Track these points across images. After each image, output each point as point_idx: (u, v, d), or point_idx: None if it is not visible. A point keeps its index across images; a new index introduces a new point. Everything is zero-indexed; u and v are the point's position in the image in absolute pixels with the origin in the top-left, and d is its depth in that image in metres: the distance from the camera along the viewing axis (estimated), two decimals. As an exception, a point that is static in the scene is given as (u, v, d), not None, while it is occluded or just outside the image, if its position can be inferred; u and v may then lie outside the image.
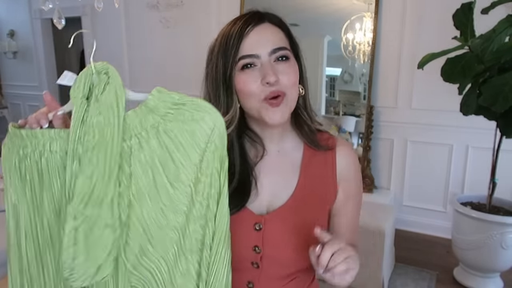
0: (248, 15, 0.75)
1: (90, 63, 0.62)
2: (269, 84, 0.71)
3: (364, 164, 3.14)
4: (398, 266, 2.61)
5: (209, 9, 3.66)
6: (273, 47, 0.73)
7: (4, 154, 0.65)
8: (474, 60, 1.97)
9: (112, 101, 0.59)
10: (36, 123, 0.64)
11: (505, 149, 2.21)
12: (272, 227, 0.77)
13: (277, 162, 0.82)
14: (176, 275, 0.64)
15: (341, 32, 3.20)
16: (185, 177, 0.62)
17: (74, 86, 0.61)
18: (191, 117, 0.60)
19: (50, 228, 0.65)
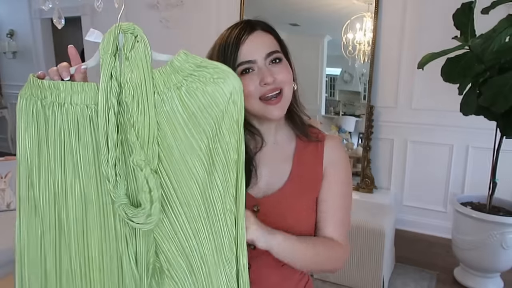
0: (241, 25, 0.84)
1: (118, 22, 0.65)
2: (267, 85, 0.80)
3: (364, 164, 3.14)
4: (398, 266, 2.61)
5: (209, 9, 3.66)
6: (267, 51, 0.82)
7: (21, 105, 0.65)
8: (474, 60, 1.97)
9: (142, 59, 0.63)
10: (57, 76, 0.67)
11: (505, 149, 2.21)
12: (268, 209, 0.85)
13: (273, 153, 0.91)
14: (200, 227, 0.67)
15: (341, 32, 3.20)
16: (204, 135, 0.65)
17: (103, 43, 0.64)
18: (212, 79, 0.64)
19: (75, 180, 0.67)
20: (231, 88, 0.65)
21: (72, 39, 6.36)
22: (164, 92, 0.64)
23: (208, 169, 0.66)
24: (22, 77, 5.37)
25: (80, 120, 0.64)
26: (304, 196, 0.89)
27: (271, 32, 0.85)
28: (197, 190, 0.65)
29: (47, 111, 0.65)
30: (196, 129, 0.65)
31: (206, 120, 0.65)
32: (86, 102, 0.64)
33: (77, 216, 0.67)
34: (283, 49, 0.87)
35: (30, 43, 5.00)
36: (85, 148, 0.65)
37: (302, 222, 0.88)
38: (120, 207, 0.63)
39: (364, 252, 2.28)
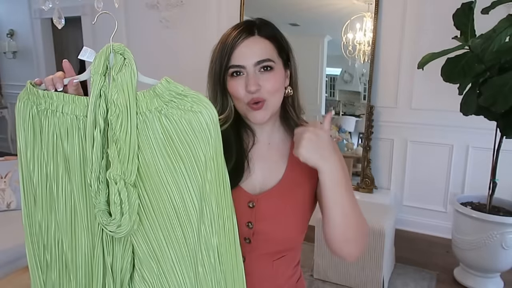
0: (242, 27, 0.86)
1: (110, 42, 0.71)
2: (251, 92, 0.83)
3: (364, 164, 3.15)
4: (398, 266, 2.61)
5: (209, 9, 3.66)
6: (257, 59, 0.83)
7: (19, 107, 0.73)
8: (474, 60, 1.97)
9: (128, 82, 0.68)
10: (52, 86, 0.73)
11: (505, 149, 2.21)
12: (264, 205, 0.87)
13: (267, 152, 0.93)
14: None
15: (341, 32, 3.20)
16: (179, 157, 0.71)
17: (94, 63, 0.70)
18: (190, 108, 0.70)
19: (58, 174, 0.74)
20: (207, 119, 0.70)
21: (72, 39, 6.36)
22: (145, 114, 0.70)
23: (182, 187, 0.71)
24: (22, 77, 5.40)
25: (69, 128, 0.71)
26: (298, 192, 0.90)
27: (270, 38, 0.86)
28: (170, 203, 0.71)
29: (42, 116, 0.72)
30: (172, 150, 0.70)
31: (182, 144, 0.70)
32: (75, 113, 0.71)
33: (66, 208, 0.74)
34: (282, 54, 0.88)
35: (30, 43, 5.00)
36: (73, 153, 0.72)
37: (298, 217, 0.89)
38: (99, 213, 0.69)
39: (364, 252, 2.28)
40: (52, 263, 0.77)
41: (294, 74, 0.91)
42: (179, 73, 3.86)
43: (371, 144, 3.14)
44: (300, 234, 0.91)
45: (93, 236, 0.73)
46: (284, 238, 0.88)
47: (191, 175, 0.71)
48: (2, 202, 2.47)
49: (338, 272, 2.38)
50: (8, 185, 2.50)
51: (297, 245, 0.94)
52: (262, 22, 0.88)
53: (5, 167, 2.56)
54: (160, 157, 0.70)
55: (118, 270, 0.73)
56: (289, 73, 0.91)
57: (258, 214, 0.86)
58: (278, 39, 0.88)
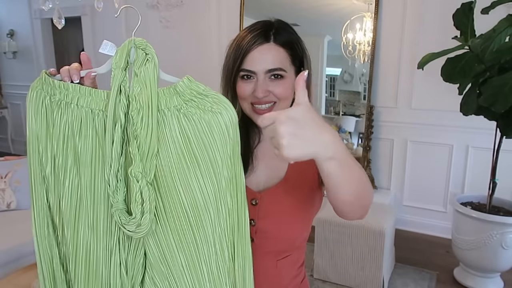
0: (259, 30, 0.85)
1: (132, 37, 0.70)
2: (258, 98, 0.83)
3: (364, 164, 3.14)
4: (398, 266, 2.61)
5: (209, 9, 3.66)
6: (269, 67, 0.83)
7: (32, 96, 0.70)
8: (474, 60, 1.97)
9: (150, 77, 0.67)
10: (68, 77, 0.70)
11: (505, 149, 2.21)
12: (267, 202, 0.87)
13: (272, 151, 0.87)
14: None
15: (341, 32, 3.20)
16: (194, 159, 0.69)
17: (115, 57, 0.68)
18: (210, 108, 0.68)
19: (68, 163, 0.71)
20: (227, 121, 0.69)
21: (72, 39, 6.35)
22: (164, 112, 0.68)
23: (196, 189, 0.69)
24: (22, 77, 5.41)
25: (83, 121, 0.69)
26: (302, 191, 0.90)
27: (285, 46, 0.85)
28: (181, 207, 0.69)
29: (55, 107, 0.69)
30: (187, 151, 0.68)
31: (199, 145, 0.68)
32: (91, 106, 0.68)
33: (71, 203, 0.71)
34: (295, 62, 0.87)
35: (30, 43, 5.00)
36: (85, 146, 0.69)
37: (301, 215, 0.90)
38: (116, 212, 0.67)
39: (364, 252, 2.28)
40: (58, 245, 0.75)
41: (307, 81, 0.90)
42: (179, 73, 3.85)
43: (371, 144, 3.14)
44: (303, 232, 0.91)
45: (96, 233, 0.71)
46: (287, 237, 0.89)
47: (205, 176, 0.69)
48: (2, 202, 2.47)
49: (338, 272, 2.38)
50: (8, 185, 2.50)
51: (300, 244, 0.94)
52: (279, 27, 0.87)
53: (5, 167, 2.56)
54: (175, 156, 0.68)
55: (130, 271, 0.71)
56: None
57: (261, 212, 0.87)
58: (293, 47, 0.87)
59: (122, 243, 0.71)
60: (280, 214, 0.87)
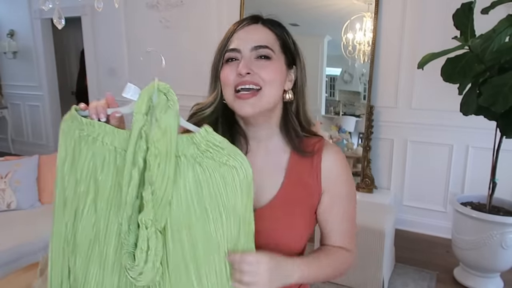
0: (249, 17, 0.83)
1: (155, 81, 0.70)
2: (241, 76, 0.76)
3: (364, 164, 3.14)
4: (398, 266, 2.61)
5: (209, 9, 3.66)
6: (255, 44, 0.78)
7: (64, 127, 0.74)
8: (474, 60, 1.97)
9: (171, 125, 0.67)
10: (95, 115, 0.72)
11: (505, 149, 2.21)
12: (256, 224, 0.80)
13: (263, 161, 0.86)
14: None
15: (341, 32, 3.20)
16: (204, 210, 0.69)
17: (138, 101, 0.68)
18: (226, 161, 0.68)
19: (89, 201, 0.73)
20: (242, 177, 0.68)
21: (72, 39, 6.36)
22: (180, 158, 0.69)
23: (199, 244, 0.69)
24: (22, 77, 5.41)
25: (106, 157, 0.72)
26: (296, 210, 0.84)
27: (274, 30, 0.82)
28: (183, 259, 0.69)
29: (82, 141, 0.73)
30: (198, 201, 0.69)
31: (211, 197, 0.69)
32: (115, 144, 0.71)
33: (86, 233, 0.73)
34: (285, 51, 0.82)
35: (30, 43, 5.00)
36: (106, 182, 0.72)
37: (293, 237, 0.84)
38: (125, 255, 0.67)
39: (364, 252, 2.28)
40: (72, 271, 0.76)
41: (299, 81, 0.85)
42: (179, 73, 3.86)
43: (371, 144, 3.14)
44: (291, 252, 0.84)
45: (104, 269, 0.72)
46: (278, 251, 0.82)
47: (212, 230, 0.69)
48: (2, 202, 2.47)
49: (338, 272, 2.38)
50: (8, 185, 2.50)
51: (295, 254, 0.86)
52: (271, 17, 0.85)
53: (5, 167, 2.55)
54: (185, 205, 0.69)
55: None
56: (293, 77, 0.85)
57: None
58: (285, 37, 0.83)
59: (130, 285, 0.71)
60: (267, 236, 0.80)
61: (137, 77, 4.19)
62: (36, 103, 5.15)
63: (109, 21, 4.20)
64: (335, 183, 0.86)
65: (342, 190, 0.87)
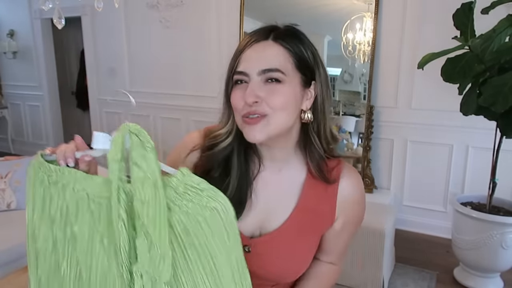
0: (260, 30, 0.74)
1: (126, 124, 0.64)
2: (247, 104, 0.70)
3: (364, 164, 3.15)
4: (398, 266, 2.61)
5: (209, 9, 3.66)
6: (263, 67, 0.70)
7: (30, 174, 0.69)
8: (474, 60, 1.97)
9: (154, 170, 0.62)
10: (63, 160, 0.67)
11: (505, 149, 2.21)
12: (261, 250, 0.79)
13: (276, 183, 0.81)
14: None
15: (341, 32, 3.20)
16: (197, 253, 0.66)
17: (112, 149, 0.63)
18: (206, 203, 0.65)
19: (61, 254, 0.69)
20: (224, 217, 0.65)
21: (72, 39, 6.35)
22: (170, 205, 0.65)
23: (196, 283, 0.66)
24: (22, 77, 5.42)
25: (79, 203, 0.67)
26: (304, 238, 0.81)
27: (288, 47, 0.72)
28: None
29: (52, 187, 0.68)
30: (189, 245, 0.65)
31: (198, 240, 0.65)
32: (87, 191, 0.67)
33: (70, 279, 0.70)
34: (302, 69, 0.74)
35: (30, 43, 5.00)
36: (82, 230, 0.67)
37: (298, 264, 0.82)
38: None
39: (364, 252, 2.28)
40: None
41: (320, 97, 0.76)
42: (179, 73, 3.86)
43: (371, 144, 3.14)
44: (297, 275, 0.85)
45: None
46: (278, 280, 0.83)
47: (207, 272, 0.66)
48: (2, 202, 2.47)
49: (338, 272, 2.38)
50: (8, 185, 2.50)
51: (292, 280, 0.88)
52: (286, 29, 0.75)
53: (5, 167, 2.55)
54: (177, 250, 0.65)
55: None
56: (313, 94, 0.76)
57: (253, 259, 0.75)
58: (300, 51, 0.73)
59: None
60: (275, 263, 0.79)
61: (137, 76, 4.19)
62: (36, 103, 5.15)
63: (109, 21, 4.20)
64: (350, 209, 0.83)
65: (354, 216, 0.85)
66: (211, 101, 2.16)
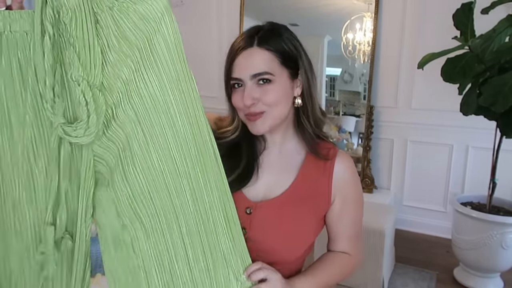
0: (246, 34, 0.84)
1: None
2: (246, 106, 0.82)
3: (364, 164, 3.14)
4: (398, 266, 2.61)
5: (209, 9, 3.65)
6: (253, 72, 0.81)
7: None
8: (474, 60, 1.97)
9: None
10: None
11: (505, 149, 2.21)
12: (261, 213, 0.85)
13: (277, 160, 0.92)
14: None
15: (341, 32, 3.20)
16: (136, 50, 0.66)
17: None
18: None
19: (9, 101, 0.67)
20: (161, 7, 0.66)
21: (72, 39, 6.35)
22: (98, 13, 0.65)
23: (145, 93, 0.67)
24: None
25: (19, 45, 0.66)
26: (303, 209, 0.87)
27: (271, 48, 0.82)
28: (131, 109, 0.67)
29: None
30: (128, 45, 0.65)
31: (138, 36, 0.65)
32: (24, 28, 0.65)
33: None
34: (288, 64, 0.84)
35: (30, 43, 4.99)
36: (26, 72, 0.66)
37: (296, 233, 0.87)
38: (59, 127, 0.64)
39: (364, 252, 2.28)
40: None
41: (305, 84, 0.87)
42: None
43: (371, 144, 3.14)
44: (295, 249, 0.88)
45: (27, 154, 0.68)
46: (277, 251, 0.85)
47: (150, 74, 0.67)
48: (2, 202, 2.47)
49: (338, 272, 2.38)
50: (8, 185, 2.49)
51: (297, 260, 0.90)
52: (268, 29, 0.85)
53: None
54: (114, 56, 0.65)
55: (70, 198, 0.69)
56: (302, 82, 0.87)
57: (253, 221, 0.84)
58: (282, 48, 0.83)
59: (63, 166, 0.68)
60: (273, 227, 0.85)
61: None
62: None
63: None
64: (346, 188, 0.91)
65: (352, 195, 0.92)
66: (211, 101, 2.16)
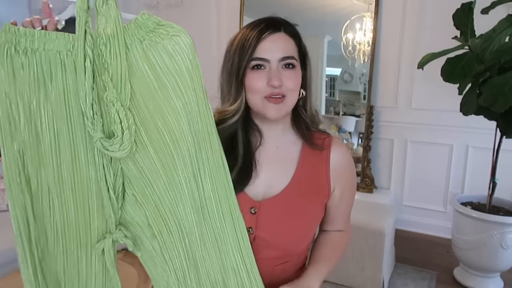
0: (267, 22, 0.86)
1: None
2: (273, 87, 0.82)
3: (364, 164, 3.14)
4: (398, 266, 2.61)
5: (209, 9, 3.66)
6: (282, 55, 0.83)
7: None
8: (474, 60, 1.97)
9: (114, 13, 0.71)
10: (31, 26, 0.70)
11: (505, 149, 2.21)
12: (266, 212, 0.86)
13: (275, 155, 0.92)
14: None
15: (341, 32, 3.20)
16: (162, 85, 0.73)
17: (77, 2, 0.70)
18: (168, 35, 0.72)
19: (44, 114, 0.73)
20: (185, 44, 0.73)
21: (72, 39, 6.34)
22: (129, 44, 0.72)
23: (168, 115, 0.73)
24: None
25: (52, 63, 0.70)
26: (306, 199, 0.89)
27: (294, 37, 0.87)
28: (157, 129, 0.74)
29: (21, 55, 0.69)
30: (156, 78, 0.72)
31: (164, 71, 0.72)
32: (58, 48, 0.70)
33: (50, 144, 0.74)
34: (301, 55, 0.88)
35: (30, 43, 5.00)
36: (57, 87, 0.72)
37: (302, 226, 0.88)
38: (98, 141, 0.71)
39: (364, 252, 2.28)
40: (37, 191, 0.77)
41: (308, 77, 0.91)
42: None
43: (371, 144, 3.14)
44: (304, 241, 0.90)
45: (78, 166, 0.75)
46: (285, 245, 0.88)
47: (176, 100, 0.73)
48: (2, 202, 2.47)
49: (338, 272, 2.38)
50: (8, 185, 2.49)
51: (301, 251, 0.93)
52: (285, 21, 0.89)
53: (5, 167, 2.55)
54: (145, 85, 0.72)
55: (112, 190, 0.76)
56: (305, 75, 0.91)
57: (259, 221, 0.85)
58: (300, 41, 0.89)
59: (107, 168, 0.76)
60: (280, 224, 0.86)
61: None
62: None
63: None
64: (344, 175, 0.93)
65: (349, 181, 0.95)
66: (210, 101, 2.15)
